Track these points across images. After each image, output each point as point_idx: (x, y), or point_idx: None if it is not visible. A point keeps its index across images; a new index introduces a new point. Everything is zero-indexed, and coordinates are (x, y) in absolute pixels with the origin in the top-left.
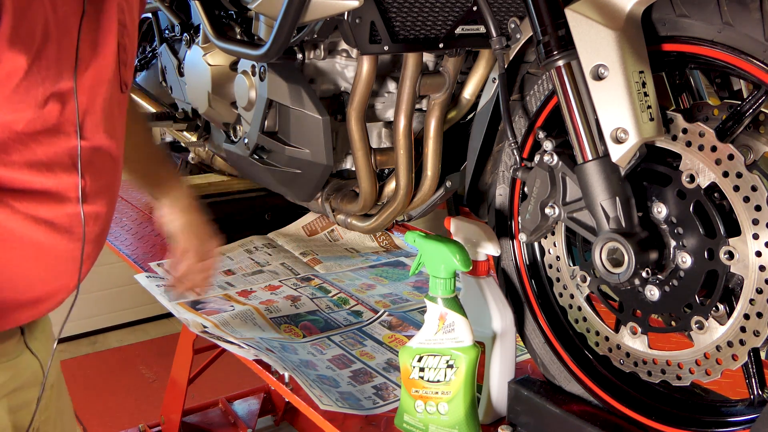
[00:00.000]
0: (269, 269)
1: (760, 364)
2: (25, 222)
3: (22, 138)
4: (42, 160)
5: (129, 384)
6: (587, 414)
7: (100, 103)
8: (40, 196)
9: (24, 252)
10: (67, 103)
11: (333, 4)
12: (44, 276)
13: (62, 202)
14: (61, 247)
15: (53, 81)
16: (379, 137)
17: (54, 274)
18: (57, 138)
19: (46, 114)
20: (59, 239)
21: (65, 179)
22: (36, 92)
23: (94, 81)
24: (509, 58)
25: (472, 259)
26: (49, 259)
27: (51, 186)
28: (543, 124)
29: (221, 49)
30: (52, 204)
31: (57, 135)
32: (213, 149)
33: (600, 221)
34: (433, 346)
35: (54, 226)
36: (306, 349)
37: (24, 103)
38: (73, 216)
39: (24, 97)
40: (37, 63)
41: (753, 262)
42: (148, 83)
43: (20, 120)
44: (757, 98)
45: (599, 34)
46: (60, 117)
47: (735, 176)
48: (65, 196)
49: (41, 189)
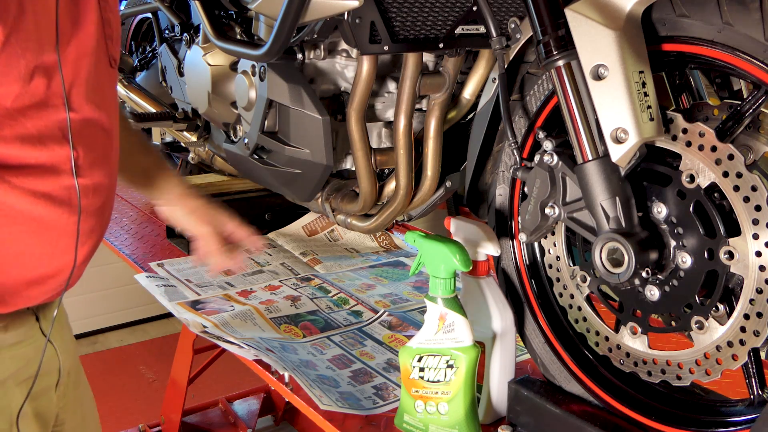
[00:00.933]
0: (269, 269)
1: (760, 364)
2: (24, 197)
3: (12, 113)
4: (33, 134)
5: (129, 384)
6: (587, 414)
7: (85, 75)
8: (35, 171)
9: (26, 227)
10: (52, 77)
11: (333, 4)
12: (50, 251)
13: (58, 174)
14: (62, 220)
15: (35, 53)
16: (379, 137)
17: (59, 248)
18: (46, 111)
19: (33, 88)
20: (59, 213)
21: (58, 152)
22: (18, 64)
23: (77, 54)
24: (509, 58)
25: (472, 259)
26: (52, 234)
27: (45, 159)
28: (543, 124)
29: (221, 49)
30: (48, 177)
31: (46, 108)
32: (213, 149)
33: (600, 221)
34: (433, 346)
35: (53, 199)
36: (306, 349)
37: (8, 76)
38: (70, 189)
39: (6, 69)
40: (15, 35)
41: (753, 262)
42: (148, 83)
43: (8, 95)
44: (757, 98)
45: (599, 34)
46: (47, 91)
47: (735, 176)
48: (60, 168)
49: (36, 163)
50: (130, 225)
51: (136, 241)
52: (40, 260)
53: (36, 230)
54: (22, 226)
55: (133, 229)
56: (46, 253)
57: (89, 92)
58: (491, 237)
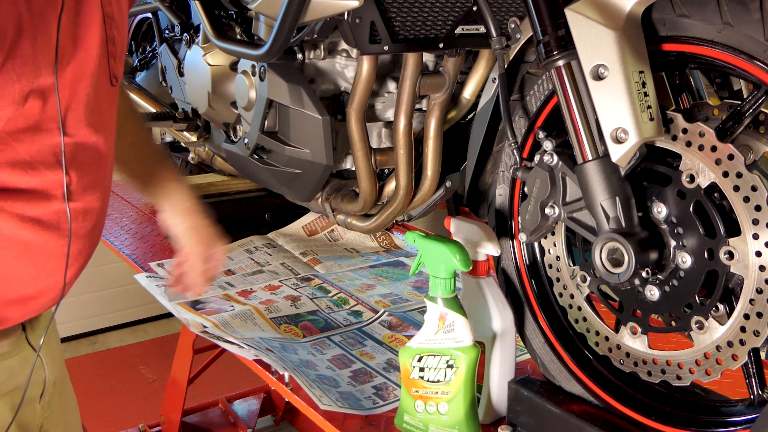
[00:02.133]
0: (269, 269)
1: (760, 364)
2: (12, 221)
3: (3, 137)
4: (25, 159)
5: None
6: (587, 414)
7: (83, 97)
8: (25, 195)
9: (12, 251)
10: (48, 100)
11: (333, 4)
12: (34, 273)
13: (48, 199)
14: (50, 244)
15: (30, 78)
16: (379, 137)
17: (44, 271)
18: (39, 135)
19: (27, 111)
20: (48, 237)
21: (50, 177)
22: (12, 89)
23: (76, 75)
24: (509, 58)
25: (472, 259)
26: (38, 257)
27: (36, 184)
28: (543, 124)
29: (221, 49)
30: (38, 202)
31: (39, 132)
32: (213, 149)
33: (600, 221)
34: (433, 346)
35: (41, 223)
36: (306, 349)
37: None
38: (60, 213)
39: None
40: (11, 60)
41: (753, 262)
42: (148, 83)
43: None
44: (757, 98)
45: (599, 34)
46: (41, 114)
47: (735, 176)
48: (51, 193)
49: (26, 188)
50: (130, 225)
51: (136, 241)
52: (23, 282)
53: (22, 253)
54: (7, 249)
55: (133, 229)
56: (31, 276)
57: (86, 114)
58: (491, 237)
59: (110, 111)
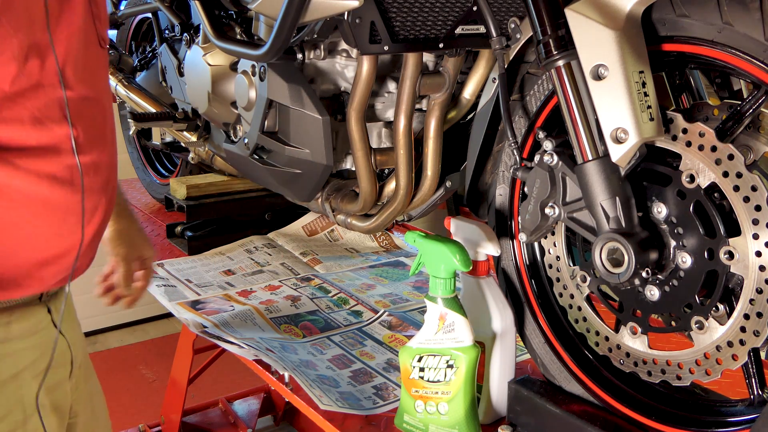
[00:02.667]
0: (269, 269)
1: (760, 364)
2: (29, 178)
3: (11, 96)
4: (34, 115)
5: (129, 384)
6: (587, 414)
7: (76, 54)
8: (37, 152)
9: (33, 209)
10: (46, 57)
11: (333, 4)
12: (57, 231)
13: (59, 154)
14: (67, 199)
15: (26, 32)
16: (379, 137)
17: (67, 227)
18: (43, 91)
19: (29, 70)
20: (64, 192)
21: (58, 131)
22: (11, 43)
23: (68, 33)
24: (509, 58)
25: (472, 259)
26: (57, 213)
27: (46, 140)
28: (543, 124)
29: (221, 49)
30: (50, 158)
31: (42, 88)
32: (213, 149)
33: (600, 221)
34: (433, 346)
35: (56, 179)
36: (306, 349)
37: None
38: (72, 168)
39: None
40: (6, 14)
41: (753, 262)
42: (148, 83)
43: (5, 77)
44: (757, 98)
45: (599, 34)
46: (42, 71)
47: (735, 176)
48: (61, 148)
49: (37, 144)
50: None
51: None
52: (48, 241)
53: (42, 211)
54: (29, 208)
55: None
56: (54, 233)
57: (81, 71)
58: (491, 237)
59: (102, 71)
